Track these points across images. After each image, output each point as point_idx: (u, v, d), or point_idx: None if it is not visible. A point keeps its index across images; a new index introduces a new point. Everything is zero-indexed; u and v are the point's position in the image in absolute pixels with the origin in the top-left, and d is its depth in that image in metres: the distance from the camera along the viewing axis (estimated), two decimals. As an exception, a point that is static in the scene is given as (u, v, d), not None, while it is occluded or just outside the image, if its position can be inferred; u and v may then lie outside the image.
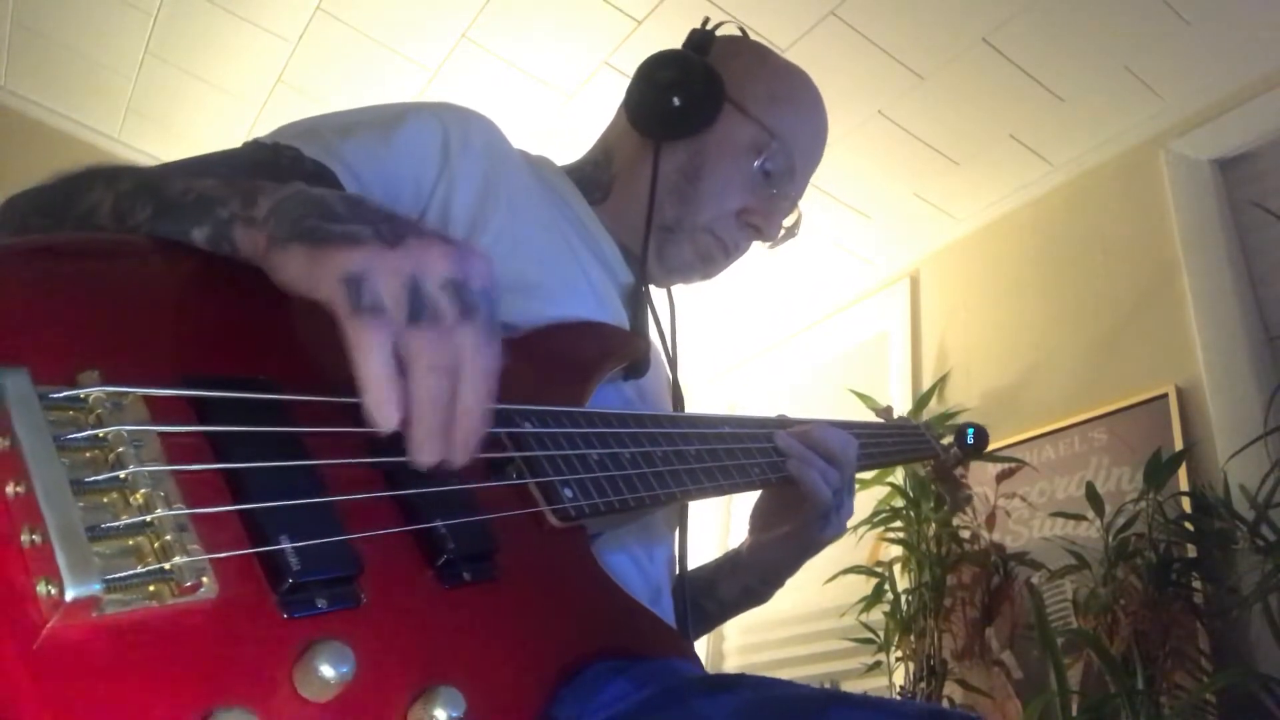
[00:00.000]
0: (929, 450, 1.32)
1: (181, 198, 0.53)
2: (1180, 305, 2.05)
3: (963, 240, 2.69)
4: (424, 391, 0.44)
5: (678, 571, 0.90)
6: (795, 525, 0.94)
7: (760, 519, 1.00)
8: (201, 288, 0.50)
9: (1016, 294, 2.47)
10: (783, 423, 0.97)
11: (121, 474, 0.38)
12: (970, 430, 1.35)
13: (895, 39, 2.11)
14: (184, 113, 2.57)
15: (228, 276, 0.49)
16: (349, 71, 2.37)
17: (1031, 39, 2.06)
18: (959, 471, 1.67)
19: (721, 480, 0.79)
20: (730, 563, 1.01)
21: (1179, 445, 1.88)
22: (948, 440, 1.38)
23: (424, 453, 0.46)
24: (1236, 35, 2.01)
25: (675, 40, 1.02)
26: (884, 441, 1.15)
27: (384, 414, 0.43)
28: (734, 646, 2.74)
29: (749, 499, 1.00)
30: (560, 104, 2.40)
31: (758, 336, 3.27)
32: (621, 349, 0.81)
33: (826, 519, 0.93)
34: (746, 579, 1.00)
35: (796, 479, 0.89)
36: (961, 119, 2.31)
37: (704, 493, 0.77)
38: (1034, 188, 2.49)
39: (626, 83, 0.99)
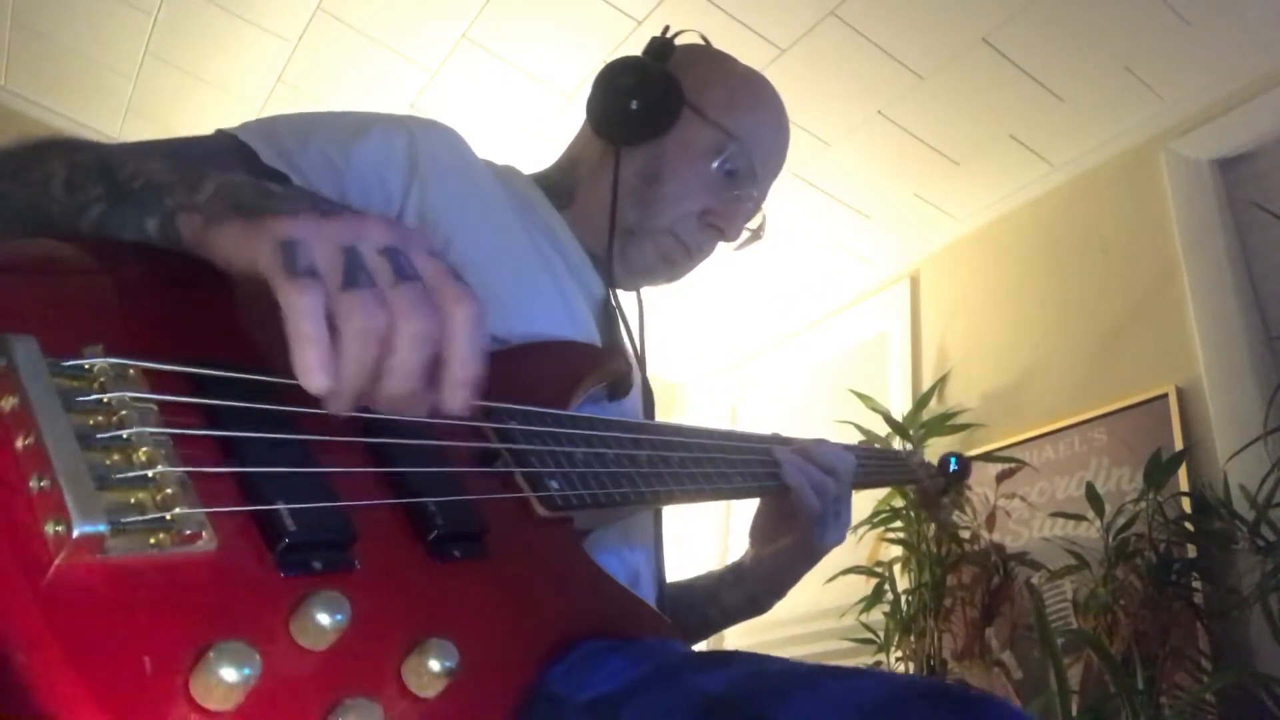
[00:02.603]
0: (912, 476, 1.37)
1: (130, 182, 0.53)
2: (1180, 305, 2.05)
3: (963, 240, 2.69)
4: (349, 358, 0.43)
5: (656, 574, 0.92)
6: (794, 535, 0.98)
7: (760, 531, 1.04)
8: (199, 278, 0.51)
9: (1016, 294, 2.47)
10: (777, 439, 1.01)
11: (125, 433, 0.40)
12: (952, 459, 1.38)
13: (895, 39, 2.11)
14: (184, 113, 2.57)
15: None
16: (349, 71, 2.37)
17: (1031, 39, 2.06)
18: (945, 499, 1.70)
19: (705, 485, 0.82)
20: (734, 573, 1.04)
21: (1179, 445, 1.88)
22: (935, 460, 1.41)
23: (333, 403, 0.44)
24: (1236, 35, 2.01)
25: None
26: (870, 463, 1.20)
27: (312, 378, 0.42)
28: (733, 646, 2.74)
29: (749, 509, 1.04)
30: (560, 104, 2.40)
31: (758, 336, 3.27)
32: (598, 369, 0.82)
33: (823, 527, 0.97)
34: (751, 588, 1.02)
35: (789, 485, 0.94)
36: (961, 119, 2.31)
37: (686, 496, 0.80)
38: (1034, 188, 2.50)
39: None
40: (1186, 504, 1.79)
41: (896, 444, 2.29)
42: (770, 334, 3.24)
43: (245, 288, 0.46)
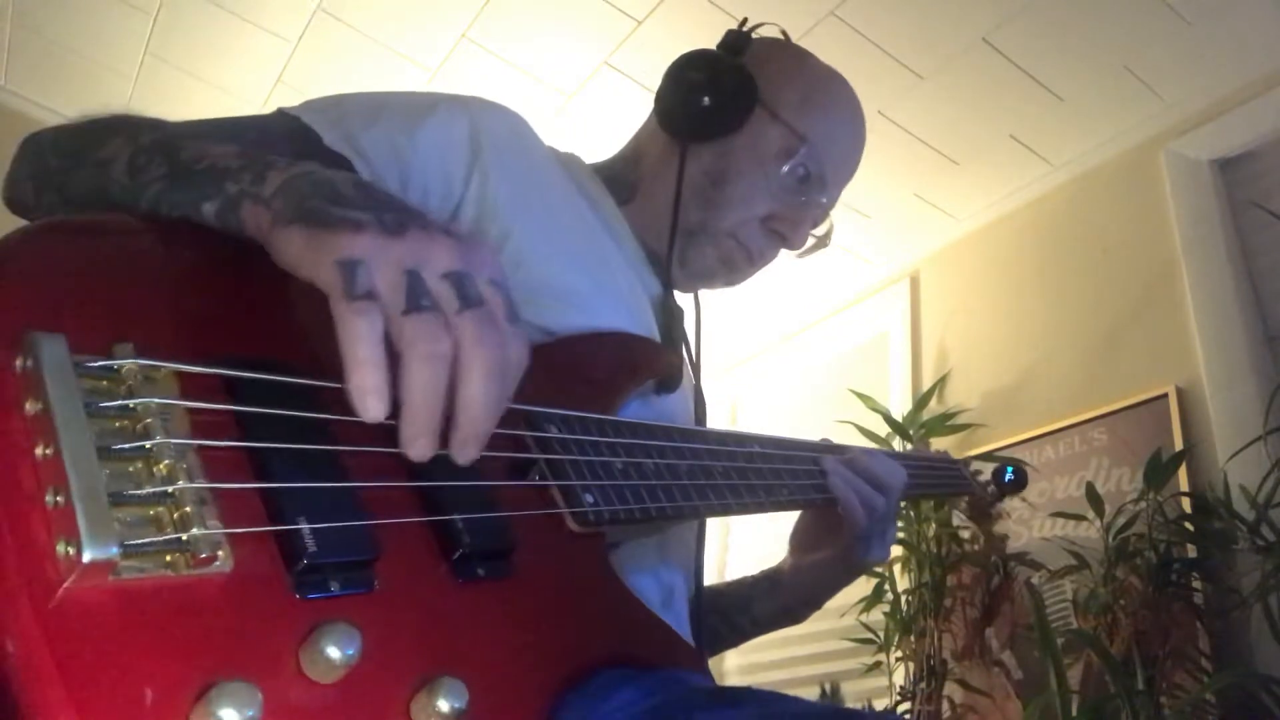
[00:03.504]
0: (966, 488, 1.30)
1: (194, 164, 0.52)
2: (1180, 305, 2.05)
3: (963, 240, 2.69)
4: (416, 382, 0.42)
5: (693, 588, 0.89)
6: (837, 548, 0.95)
7: (801, 541, 1.00)
8: (238, 271, 0.50)
9: (1016, 294, 2.47)
10: (827, 446, 0.97)
11: (147, 444, 0.39)
12: (1009, 469, 1.32)
13: (895, 39, 2.11)
14: (184, 113, 2.53)
15: (264, 261, 0.48)
16: (349, 71, 2.37)
17: (1031, 39, 2.06)
18: (996, 509, 1.64)
19: (747, 498, 0.79)
20: (769, 582, 1.01)
21: (1179, 445, 1.88)
22: (984, 477, 1.35)
23: (413, 447, 0.42)
24: (1236, 35, 2.01)
25: (675, 40, 1.01)
26: (921, 473, 1.14)
27: (367, 404, 0.41)
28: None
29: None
30: (560, 104, 2.40)
31: (758, 336, 3.27)
32: (653, 363, 0.80)
33: (868, 543, 0.93)
34: (785, 599, 0.99)
35: (838, 499, 0.90)
36: (961, 119, 2.31)
37: (728, 509, 0.77)
38: (1034, 188, 2.50)
39: (626, 83, 0.98)
40: (1186, 504, 1.79)
41: (897, 444, 2.29)
42: (770, 334, 3.24)
43: (314, 291, 0.44)
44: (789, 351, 3.21)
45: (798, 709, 0.52)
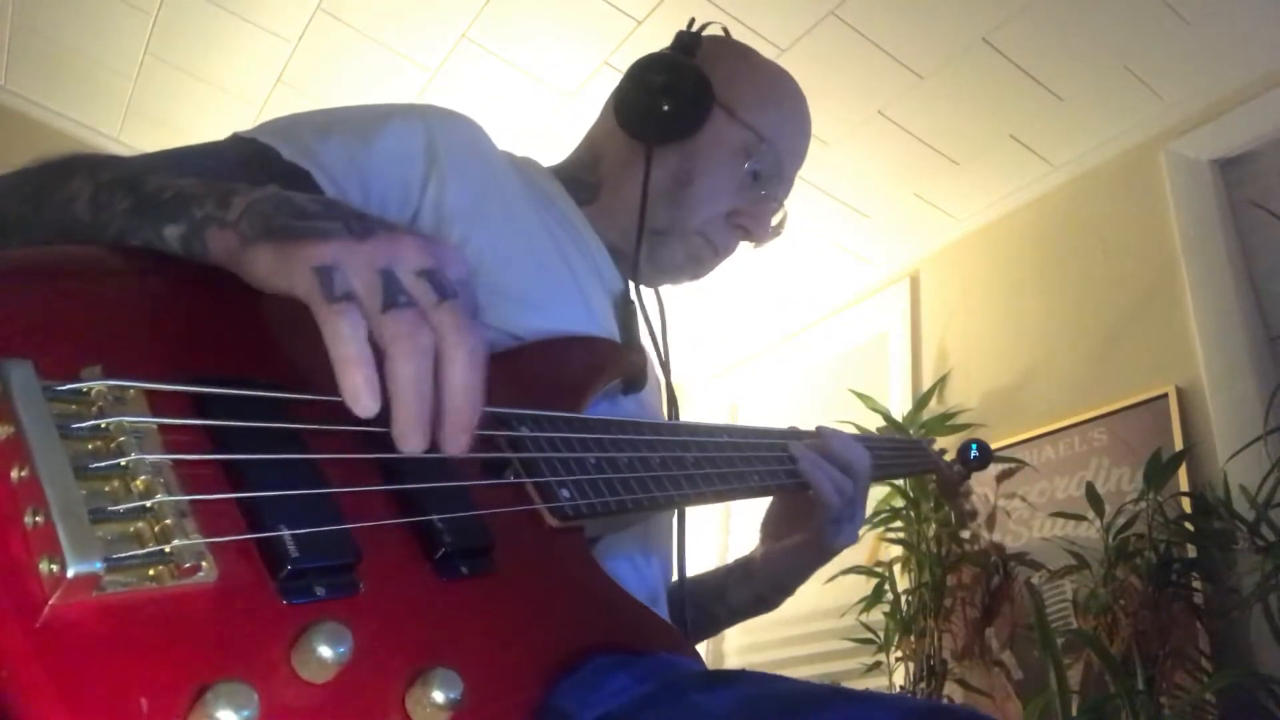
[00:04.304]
0: (932, 466, 1.33)
1: (158, 194, 0.53)
2: (1180, 305, 2.05)
3: (963, 240, 2.69)
4: (404, 375, 0.43)
5: (675, 578, 0.90)
6: (808, 533, 0.96)
7: (772, 527, 1.02)
8: (203, 292, 0.51)
9: (1016, 294, 2.47)
10: (793, 433, 0.99)
11: (122, 461, 0.39)
12: (973, 445, 1.35)
13: (895, 39, 2.11)
14: (184, 113, 2.57)
15: (228, 281, 0.49)
16: (349, 71, 2.37)
17: (1031, 39, 2.06)
18: (964, 487, 1.67)
19: (720, 486, 0.80)
20: (742, 570, 1.02)
21: (1179, 445, 1.88)
22: (950, 456, 1.38)
23: (407, 440, 0.44)
24: (1236, 35, 2.01)
25: (675, 40, 1.02)
26: (887, 455, 1.16)
27: (361, 402, 0.42)
28: (734, 646, 2.74)
29: (749, 509, 1.02)
30: (560, 104, 2.40)
31: (758, 336, 3.27)
32: (616, 364, 0.81)
33: (838, 526, 0.95)
34: (758, 586, 1.01)
35: (810, 483, 0.92)
36: (961, 119, 2.31)
37: (702, 498, 0.78)
38: (1034, 188, 2.49)
39: (627, 83, 0.99)
40: (1186, 504, 1.79)
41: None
42: (770, 334, 3.24)
43: (281, 306, 0.45)
44: (789, 351, 3.21)
45: (790, 688, 0.53)
